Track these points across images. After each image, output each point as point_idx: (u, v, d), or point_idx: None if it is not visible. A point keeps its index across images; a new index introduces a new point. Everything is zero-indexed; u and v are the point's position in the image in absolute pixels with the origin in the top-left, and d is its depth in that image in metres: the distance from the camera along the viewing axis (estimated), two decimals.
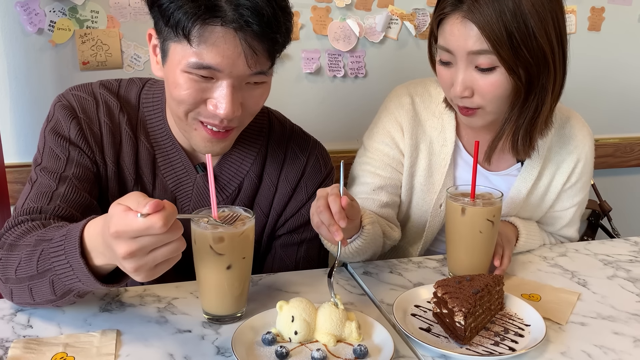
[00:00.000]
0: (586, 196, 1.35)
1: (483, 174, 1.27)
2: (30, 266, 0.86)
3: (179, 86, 0.93)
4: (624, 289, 1.10)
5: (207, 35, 0.88)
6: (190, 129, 1.00)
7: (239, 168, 1.12)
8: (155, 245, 0.74)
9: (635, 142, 2.37)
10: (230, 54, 0.89)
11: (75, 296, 0.88)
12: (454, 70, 1.10)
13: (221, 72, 0.91)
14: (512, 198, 1.26)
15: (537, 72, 1.07)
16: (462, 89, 1.08)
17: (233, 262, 0.89)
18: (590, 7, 2.13)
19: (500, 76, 1.06)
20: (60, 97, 1.07)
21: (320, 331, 0.87)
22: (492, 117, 1.14)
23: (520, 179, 1.26)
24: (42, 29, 1.63)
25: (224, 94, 0.92)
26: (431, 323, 0.94)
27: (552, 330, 0.94)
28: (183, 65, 0.91)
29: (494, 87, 1.07)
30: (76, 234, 0.80)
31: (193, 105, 0.95)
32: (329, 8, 1.83)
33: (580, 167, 1.28)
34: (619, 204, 2.36)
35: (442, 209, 1.27)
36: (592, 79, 2.25)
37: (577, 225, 1.38)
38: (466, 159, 1.27)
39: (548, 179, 1.28)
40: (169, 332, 0.91)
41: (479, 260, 1.08)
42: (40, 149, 1.05)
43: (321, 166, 1.18)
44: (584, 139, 1.28)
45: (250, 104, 0.98)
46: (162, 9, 0.90)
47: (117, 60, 1.71)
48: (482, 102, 1.10)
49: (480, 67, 1.06)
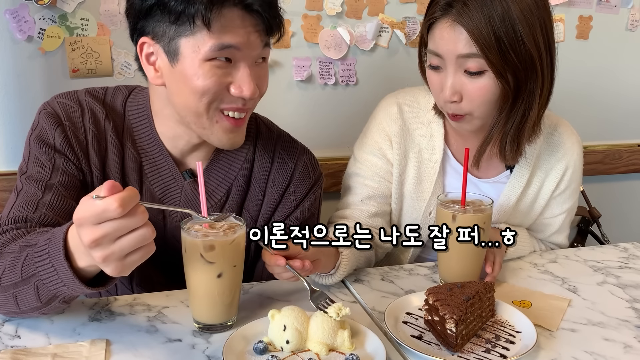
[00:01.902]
0: (575, 203, 1.36)
1: (472, 182, 1.28)
2: (15, 273, 0.85)
3: (201, 77, 0.94)
4: (614, 295, 1.11)
5: (225, 17, 0.92)
6: (212, 124, 1.00)
7: (227, 174, 1.12)
8: (119, 231, 0.73)
9: (623, 148, 2.39)
10: (244, 32, 0.94)
11: (61, 302, 0.86)
12: (444, 75, 1.11)
13: (240, 51, 0.95)
14: (502, 205, 1.27)
15: (524, 77, 1.08)
16: (451, 93, 1.10)
17: (224, 271, 0.89)
18: (578, 16, 2.16)
19: (488, 80, 1.07)
20: (45, 104, 1.07)
21: (312, 340, 0.87)
22: (480, 122, 1.15)
23: (509, 186, 1.26)
24: (32, 37, 1.62)
25: (246, 74, 0.97)
26: (423, 330, 0.94)
27: (543, 337, 0.94)
28: (203, 54, 0.93)
29: (483, 92, 1.08)
30: (60, 236, 0.80)
31: (216, 94, 0.96)
32: (319, 16, 1.84)
33: (569, 174, 1.29)
34: (608, 211, 2.38)
35: (432, 217, 1.27)
36: (581, 87, 2.28)
37: (567, 232, 1.39)
38: (455, 166, 1.28)
39: (537, 186, 1.28)
40: (159, 342, 0.90)
41: (469, 267, 1.08)
42: (25, 157, 1.05)
43: (309, 172, 1.17)
44: (573, 146, 1.29)
45: (261, 83, 1.02)
46: (169, 8, 0.92)
47: (108, 67, 1.70)
48: (470, 107, 1.11)
49: (469, 71, 1.07)
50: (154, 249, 0.77)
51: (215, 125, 1.00)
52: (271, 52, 1.04)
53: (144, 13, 0.95)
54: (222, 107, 0.99)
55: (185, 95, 0.98)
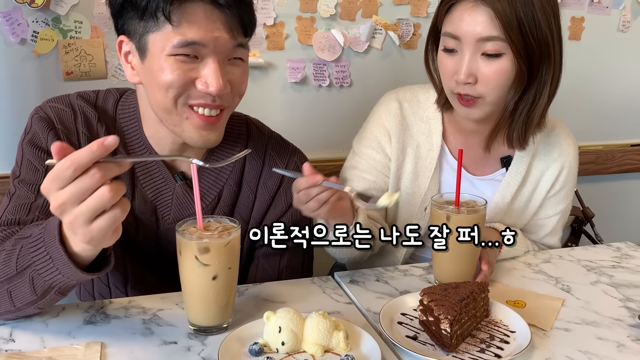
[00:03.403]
0: (569, 205, 1.37)
1: (468, 179, 1.29)
2: (10, 267, 0.85)
3: (165, 70, 0.94)
4: (607, 295, 1.11)
5: (188, 12, 0.91)
6: (181, 120, 0.99)
7: (218, 176, 1.12)
8: (78, 193, 0.71)
9: (616, 148, 2.41)
10: (211, 28, 0.92)
11: (57, 293, 0.86)
12: (459, 57, 1.12)
13: (205, 48, 0.93)
14: (497, 203, 1.28)
15: (539, 61, 1.11)
16: (466, 75, 1.10)
17: (219, 273, 0.89)
18: (570, 17, 2.17)
19: (505, 63, 1.09)
20: (37, 109, 1.07)
21: (307, 341, 0.87)
22: (490, 108, 1.16)
23: (504, 184, 1.27)
24: (25, 39, 1.61)
25: (212, 69, 0.94)
26: (417, 331, 0.95)
27: (537, 337, 0.95)
28: (167, 49, 0.93)
29: (499, 75, 1.10)
30: (54, 223, 0.80)
31: (182, 89, 0.95)
32: (313, 18, 1.85)
33: (564, 174, 1.30)
34: (602, 210, 2.39)
35: (427, 212, 1.28)
36: (573, 87, 2.29)
37: (560, 234, 1.40)
38: (452, 163, 1.28)
39: (532, 185, 1.29)
40: (155, 344, 0.90)
41: (464, 267, 1.09)
42: (18, 161, 1.05)
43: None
44: (569, 147, 1.30)
45: (236, 82, 1.00)
46: (135, 4, 0.92)
47: (102, 70, 1.70)
48: (484, 90, 1.12)
49: (487, 53, 1.09)
50: (121, 215, 0.74)
51: (185, 121, 0.99)
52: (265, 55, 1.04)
53: (117, 11, 0.96)
54: (191, 103, 0.97)
55: (154, 91, 0.98)
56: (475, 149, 1.27)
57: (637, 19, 2.27)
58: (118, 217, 0.74)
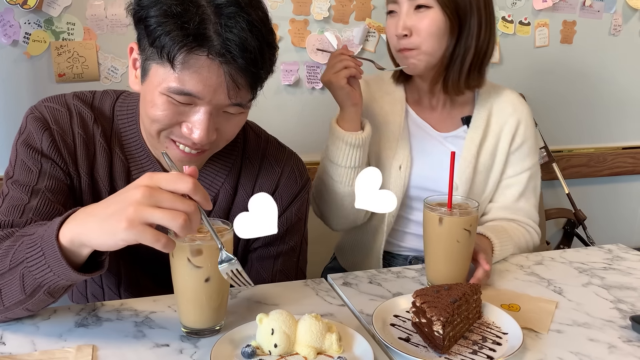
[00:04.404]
0: (536, 165, 1.46)
1: (435, 137, 1.42)
2: (4, 263, 0.84)
3: (155, 106, 0.93)
4: (599, 296, 1.12)
5: (192, 63, 0.88)
6: (161, 147, 1.00)
7: (214, 180, 1.11)
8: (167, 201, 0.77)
9: (608, 152, 2.42)
10: (212, 84, 0.90)
11: (46, 293, 0.85)
12: (398, 17, 1.31)
13: (201, 100, 0.91)
14: (464, 157, 1.39)
15: (464, 13, 1.29)
16: (402, 28, 1.29)
17: (211, 275, 0.88)
18: (562, 21, 2.19)
19: (434, 14, 1.28)
20: (32, 109, 1.06)
21: (300, 343, 0.87)
22: (428, 58, 1.31)
23: (468, 139, 1.40)
24: (17, 41, 1.61)
25: (200, 119, 0.93)
26: (410, 333, 0.95)
27: (529, 338, 0.95)
28: (163, 88, 0.91)
29: (430, 24, 1.28)
30: (57, 221, 0.81)
31: (167, 126, 0.95)
32: (307, 21, 1.85)
33: (522, 128, 1.41)
34: (593, 213, 2.41)
35: (401, 170, 1.38)
36: (565, 90, 2.31)
37: (534, 201, 1.45)
38: (419, 123, 1.43)
39: (494, 138, 1.41)
40: (147, 347, 0.89)
41: (456, 269, 1.09)
42: (12, 161, 1.04)
43: (297, 177, 1.17)
44: (521, 104, 1.44)
45: (226, 130, 0.99)
46: (149, 30, 0.89)
47: (94, 72, 1.70)
48: (419, 40, 1.29)
49: (418, 5, 1.28)
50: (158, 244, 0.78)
51: (164, 149, 1.00)
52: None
53: (135, 23, 0.94)
54: (172, 138, 0.98)
55: (143, 113, 0.99)
56: (437, 109, 1.43)
57: (628, 23, 2.30)
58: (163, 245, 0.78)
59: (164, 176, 0.79)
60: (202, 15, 0.87)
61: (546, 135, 2.26)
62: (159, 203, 0.77)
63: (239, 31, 0.88)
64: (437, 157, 1.38)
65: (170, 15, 0.87)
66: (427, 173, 1.39)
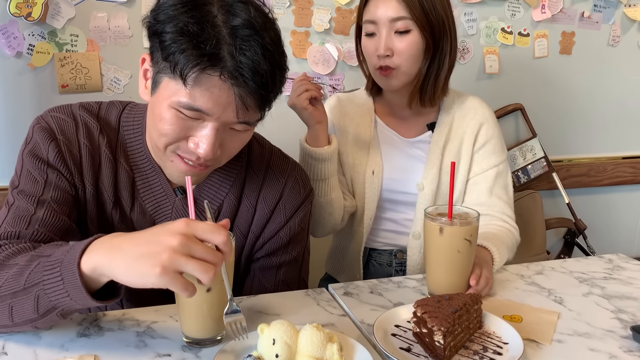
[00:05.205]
0: (504, 163, 1.50)
1: (402, 143, 1.51)
2: (18, 282, 0.84)
3: (164, 120, 0.94)
4: (599, 306, 1.12)
5: (204, 82, 0.89)
6: (167, 160, 1.01)
7: (218, 190, 1.12)
8: (198, 252, 0.78)
9: (607, 161, 2.43)
10: (222, 102, 0.91)
11: (58, 315, 0.86)
12: (377, 38, 1.38)
13: (209, 116, 0.93)
14: (430, 158, 1.47)
15: (439, 35, 1.38)
16: (384, 49, 1.36)
17: (213, 285, 0.89)
18: (561, 32, 2.21)
19: (414, 37, 1.36)
20: (38, 118, 1.06)
21: (301, 354, 0.87)
22: (405, 77, 1.40)
23: (433, 143, 1.48)
24: (21, 53, 1.63)
25: (207, 135, 0.94)
26: (411, 343, 0.95)
27: (530, 348, 0.95)
28: (173, 102, 0.92)
29: (410, 46, 1.36)
30: (79, 248, 0.81)
31: (174, 140, 0.96)
32: (308, 32, 1.87)
33: (484, 129, 1.48)
34: (594, 223, 2.41)
35: (375, 175, 1.47)
36: (564, 101, 2.32)
37: (506, 198, 1.47)
38: (387, 133, 1.52)
39: (457, 141, 1.48)
40: (149, 357, 0.90)
41: (457, 279, 1.10)
42: (17, 171, 1.04)
43: (300, 187, 1.18)
44: (482, 107, 1.51)
45: (231, 147, 1.00)
46: (164, 45, 0.90)
47: (97, 83, 1.71)
48: (399, 61, 1.37)
49: (398, 31, 1.36)
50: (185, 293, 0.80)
51: (169, 162, 1.01)
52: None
53: (150, 34, 0.95)
54: (178, 153, 0.99)
55: (151, 125, 1.00)
56: (405, 118, 1.52)
57: (626, 34, 2.31)
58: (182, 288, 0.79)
59: (201, 226, 0.80)
60: (218, 36, 0.88)
61: (546, 145, 2.27)
62: (193, 253, 0.78)
63: (252, 54, 0.89)
64: (404, 161, 1.50)
65: (186, 33, 0.88)
66: (395, 175, 1.49)
